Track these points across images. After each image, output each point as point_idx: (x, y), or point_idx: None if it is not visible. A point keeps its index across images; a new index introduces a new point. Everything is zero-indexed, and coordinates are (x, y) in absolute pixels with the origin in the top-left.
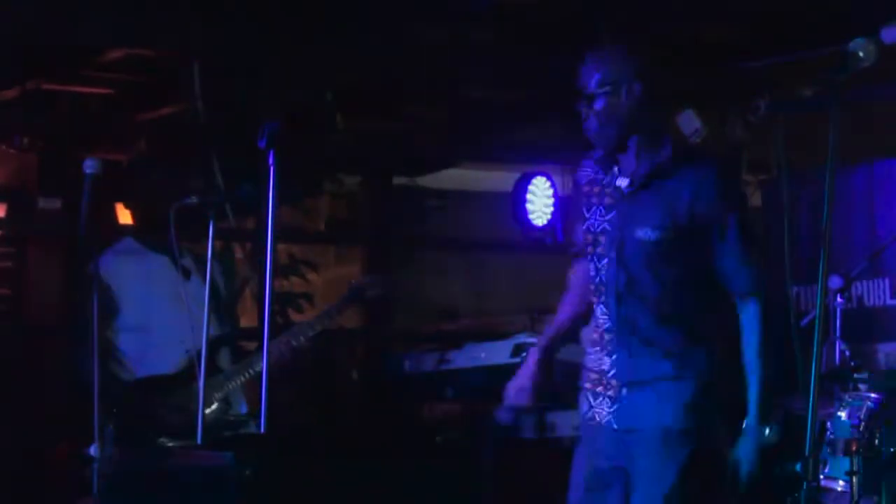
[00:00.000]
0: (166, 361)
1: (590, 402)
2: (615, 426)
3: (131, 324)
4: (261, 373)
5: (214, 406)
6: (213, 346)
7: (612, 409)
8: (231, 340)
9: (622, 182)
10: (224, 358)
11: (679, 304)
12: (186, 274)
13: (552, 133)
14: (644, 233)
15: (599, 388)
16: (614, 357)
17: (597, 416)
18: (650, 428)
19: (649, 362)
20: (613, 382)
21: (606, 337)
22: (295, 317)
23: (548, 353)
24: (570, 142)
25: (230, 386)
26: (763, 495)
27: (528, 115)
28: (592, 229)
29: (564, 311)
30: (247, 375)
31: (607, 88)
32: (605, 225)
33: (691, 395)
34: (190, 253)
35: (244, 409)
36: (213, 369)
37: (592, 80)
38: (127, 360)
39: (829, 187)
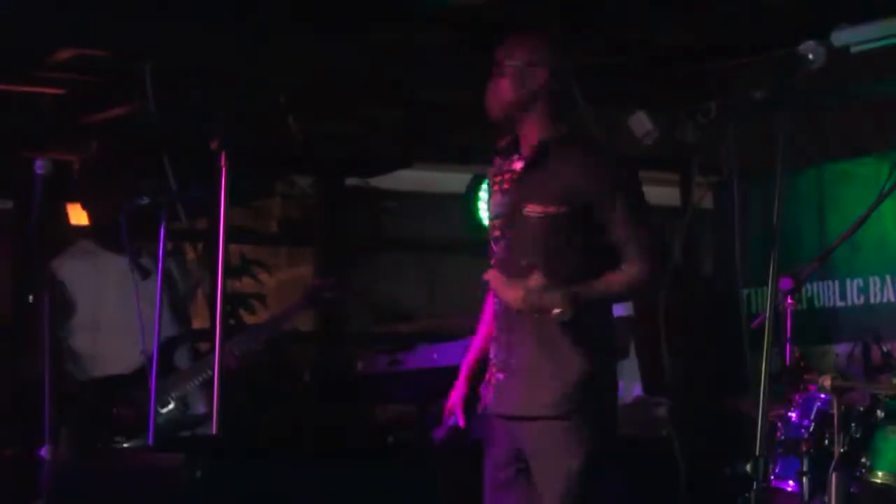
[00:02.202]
0: (122, 361)
1: (479, 395)
2: (496, 411)
3: (87, 324)
4: (242, 355)
5: (171, 406)
6: (171, 345)
7: (492, 396)
8: (189, 340)
9: (518, 164)
10: (182, 357)
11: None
12: (146, 273)
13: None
14: (532, 209)
15: (487, 377)
16: (497, 342)
17: (486, 407)
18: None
19: (529, 345)
20: (493, 369)
21: (495, 323)
22: (247, 318)
23: (474, 368)
24: None
25: (187, 386)
26: (713, 496)
27: (481, 117)
28: (493, 215)
29: (484, 325)
30: (204, 375)
31: (510, 66)
32: (502, 208)
33: (572, 380)
34: (148, 253)
35: (202, 410)
36: (170, 369)
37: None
38: (82, 359)
39: (778, 189)
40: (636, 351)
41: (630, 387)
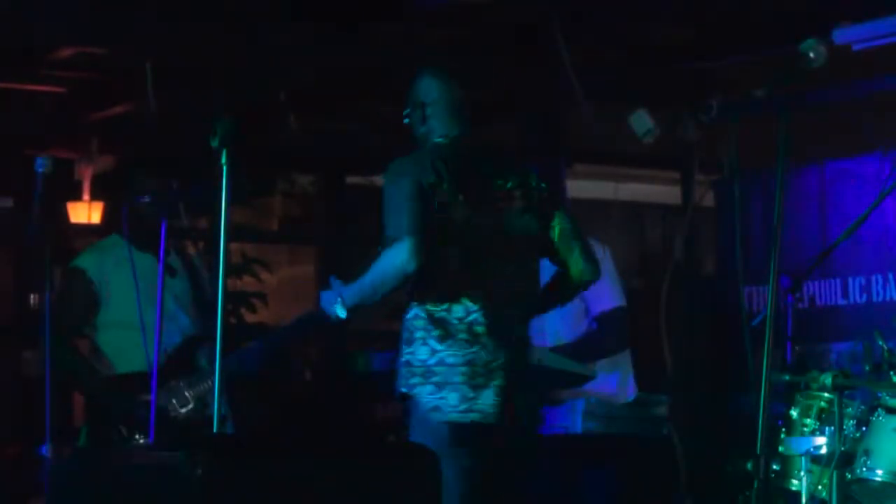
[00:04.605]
0: (146, 359)
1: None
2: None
3: (113, 320)
4: (236, 374)
5: (191, 405)
6: (193, 344)
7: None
8: (210, 340)
9: None
10: (203, 357)
11: None
12: (172, 272)
13: (503, 133)
14: None
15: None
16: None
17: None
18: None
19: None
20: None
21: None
22: (248, 317)
23: None
24: (521, 142)
25: (207, 385)
26: (714, 494)
27: (480, 116)
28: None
29: None
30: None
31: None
32: None
33: None
34: (176, 251)
35: (222, 410)
36: (191, 368)
37: None
38: (107, 356)
39: (780, 187)
40: (631, 347)
41: (625, 383)
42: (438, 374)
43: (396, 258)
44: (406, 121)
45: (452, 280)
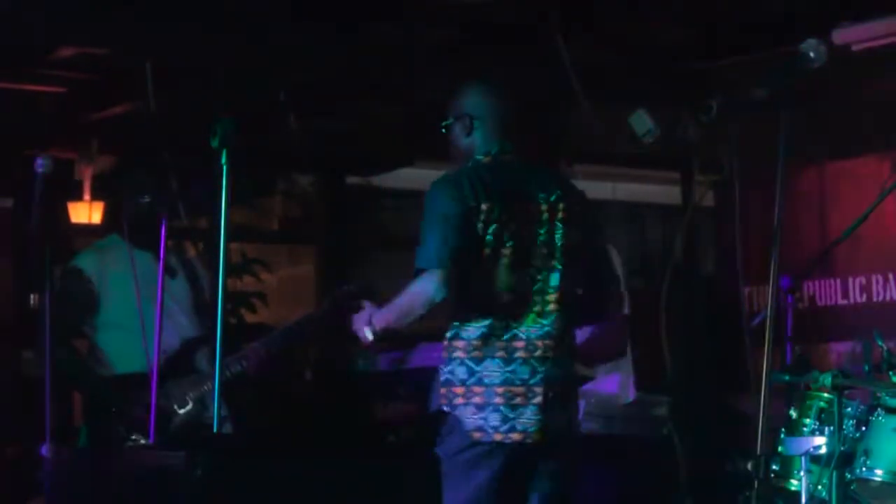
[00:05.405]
0: (145, 359)
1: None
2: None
3: (112, 320)
4: (236, 375)
5: (189, 406)
6: (191, 346)
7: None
8: (209, 341)
9: None
10: (201, 358)
11: None
12: (171, 273)
13: None
14: None
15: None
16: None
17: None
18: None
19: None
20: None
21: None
22: (248, 317)
23: None
24: (520, 142)
25: (206, 387)
26: (714, 494)
27: None
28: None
29: None
30: (223, 376)
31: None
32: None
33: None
34: (174, 252)
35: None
36: (190, 370)
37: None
38: (106, 356)
39: (780, 187)
40: (632, 350)
41: (626, 384)
42: (478, 393)
43: (425, 288)
44: (443, 130)
45: (494, 300)
